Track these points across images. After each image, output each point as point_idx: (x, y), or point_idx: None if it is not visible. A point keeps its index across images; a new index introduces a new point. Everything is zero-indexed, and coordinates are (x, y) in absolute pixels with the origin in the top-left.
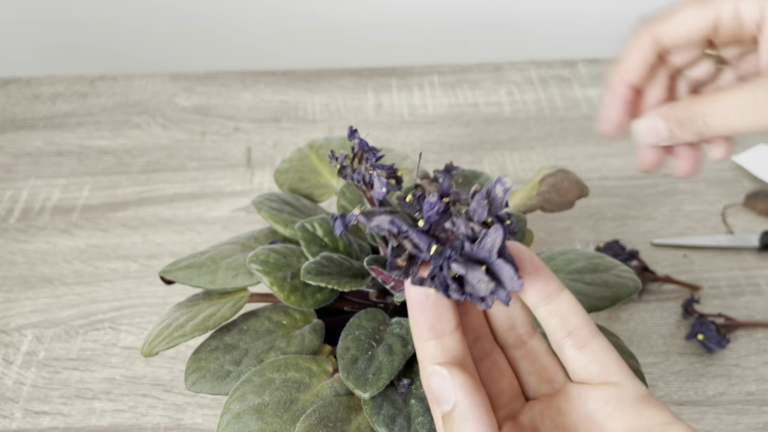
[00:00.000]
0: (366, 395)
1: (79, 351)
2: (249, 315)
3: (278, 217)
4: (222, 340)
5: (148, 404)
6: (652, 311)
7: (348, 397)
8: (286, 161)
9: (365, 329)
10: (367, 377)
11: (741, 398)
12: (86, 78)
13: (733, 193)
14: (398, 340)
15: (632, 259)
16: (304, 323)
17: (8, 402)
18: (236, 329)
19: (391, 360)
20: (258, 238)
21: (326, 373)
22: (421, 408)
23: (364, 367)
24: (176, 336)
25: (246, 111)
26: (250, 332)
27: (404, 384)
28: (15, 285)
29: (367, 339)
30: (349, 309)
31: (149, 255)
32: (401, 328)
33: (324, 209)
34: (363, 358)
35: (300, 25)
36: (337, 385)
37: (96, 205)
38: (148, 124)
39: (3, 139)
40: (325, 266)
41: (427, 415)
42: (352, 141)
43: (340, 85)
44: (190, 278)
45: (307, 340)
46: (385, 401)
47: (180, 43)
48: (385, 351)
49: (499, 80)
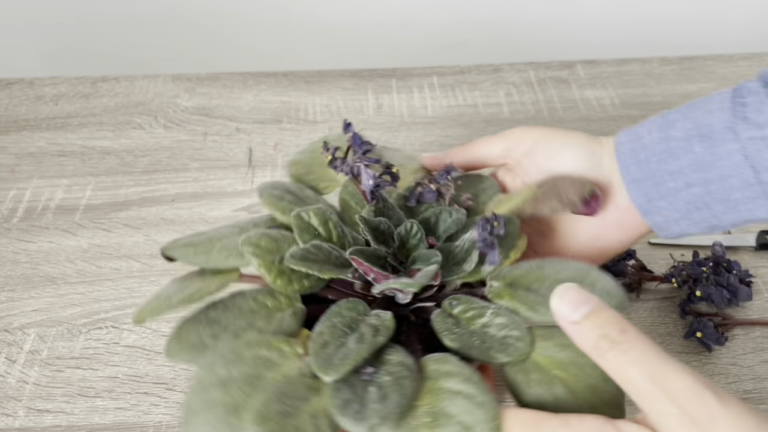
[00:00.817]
0: (327, 378)
1: (81, 350)
2: (237, 294)
3: (277, 204)
4: (206, 315)
5: (150, 402)
6: (650, 310)
7: (313, 379)
8: (299, 153)
9: (343, 317)
10: (332, 362)
11: (738, 396)
12: (89, 79)
13: None
14: (370, 330)
15: (629, 258)
16: (288, 307)
17: (11, 400)
18: (222, 306)
19: (359, 348)
20: (257, 224)
21: (297, 355)
22: (377, 396)
23: (332, 352)
24: (163, 307)
25: (247, 112)
26: (234, 310)
27: (368, 372)
28: (18, 284)
29: (342, 327)
30: (333, 297)
31: (151, 254)
32: (378, 319)
33: (326, 201)
34: (333, 344)
35: (301, 27)
36: (306, 368)
37: (98, 205)
38: (150, 125)
39: (6, 139)
40: (311, 253)
41: (381, 402)
42: (347, 134)
43: (341, 86)
44: (186, 256)
45: (286, 322)
46: (346, 386)
47: (182, 45)
48: (357, 339)
49: (498, 81)
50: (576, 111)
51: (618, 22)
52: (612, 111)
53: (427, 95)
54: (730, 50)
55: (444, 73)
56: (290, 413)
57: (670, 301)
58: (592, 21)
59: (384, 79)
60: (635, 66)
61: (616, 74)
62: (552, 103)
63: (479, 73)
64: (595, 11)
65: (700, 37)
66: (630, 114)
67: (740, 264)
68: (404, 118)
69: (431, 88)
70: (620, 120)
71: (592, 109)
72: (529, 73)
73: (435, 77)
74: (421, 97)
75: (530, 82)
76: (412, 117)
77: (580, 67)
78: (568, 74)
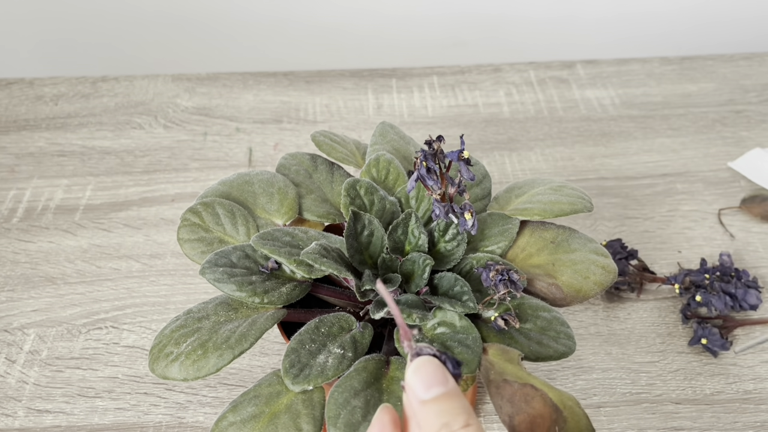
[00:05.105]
0: (295, 388)
1: (81, 350)
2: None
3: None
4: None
5: (150, 402)
6: (650, 310)
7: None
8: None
9: (330, 326)
10: (306, 373)
11: (738, 397)
12: (89, 79)
13: (731, 194)
14: (350, 345)
15: (632, 258)
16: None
17: (11, 400)
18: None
19: (338, 365)
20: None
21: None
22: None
23: (306, 361)
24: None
25: (247, 112)
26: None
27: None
28: (18, 284)
29: (326, 337)
30: (333, 300)
31: (151, 254)
32: (362, 335)
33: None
34: (305, 352)
35: (301, 27)
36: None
37: (98, 205)
38: (150, 125)
39: (6, 139)
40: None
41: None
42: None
43: (341, 86)
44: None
45: (262, 320)
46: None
47: (182, 45)
48: (336, 356)
49: (498, 81)
50: (576, 111)
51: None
52: (612, 111)
53: (427, 95)
54: (730, 50)
55: (444, 72)
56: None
57: (671, 302)
58: (592, 21)
59: (384, 79)
60: (635, 66)
61: (616, 74)
62: (552, 103)
63: (479, 73)
64: (595, 11)
65: (700, 37)
66: (630, 114)
67: (749, 273)
68: (404, 117)
69: (431, 88)
70: (620, 120)
71: (592, 109)
72: (529, 73)
73: (435, 77)
74: (421, 97)
75: (530, 82)
76: (412, 117)
77: (580, 67)
78: (568, 74)
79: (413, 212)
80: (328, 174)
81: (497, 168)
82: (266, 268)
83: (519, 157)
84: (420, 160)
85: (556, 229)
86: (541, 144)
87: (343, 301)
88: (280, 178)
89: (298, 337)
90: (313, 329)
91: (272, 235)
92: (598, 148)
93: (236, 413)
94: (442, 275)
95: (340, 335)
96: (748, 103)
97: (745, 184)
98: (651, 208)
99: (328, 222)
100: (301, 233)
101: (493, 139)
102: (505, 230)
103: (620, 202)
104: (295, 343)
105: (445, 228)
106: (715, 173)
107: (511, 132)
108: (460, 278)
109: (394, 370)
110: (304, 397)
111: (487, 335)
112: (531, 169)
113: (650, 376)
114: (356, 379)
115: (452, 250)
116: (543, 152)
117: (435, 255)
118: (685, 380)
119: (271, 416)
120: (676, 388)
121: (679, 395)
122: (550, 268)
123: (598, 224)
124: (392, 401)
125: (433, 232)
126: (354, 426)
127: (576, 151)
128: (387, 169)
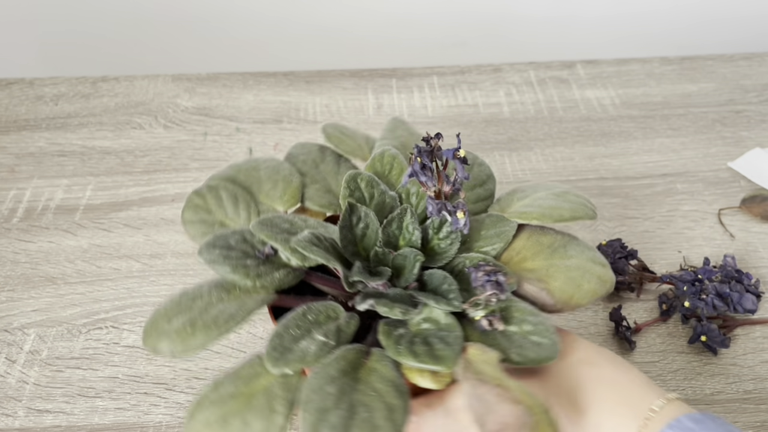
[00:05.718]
0: (274, 371)
1: (81, 350)
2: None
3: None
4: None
5: (150, 402)
6: (650, 311)
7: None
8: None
9: (317, 314)
10: (286, 357)
11: (739, 397)
12: (89, 79)
13: (731, 194)
14: (334, 334)
15: (631, 258)
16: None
17: (11, 400)
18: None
19: (319, 352)
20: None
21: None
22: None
23: (289, 346)
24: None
25: (247, 112)
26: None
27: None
28: (18, 284)
29: (311, 324)
30: (325, 289)
31: (151, 254)
32: (347, 325)
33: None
34: (289, 336)
35: (301, 27)
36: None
37: (98, 205)
38: (150, 125)
39: (6, 139)
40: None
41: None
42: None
43: (341, 86)
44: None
45: (250, 301)
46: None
47: (182, 45)
48: (319, 344)
49: (498, 81)
50: (576, 111)
51: (618, 22)
52: (612, 111)
53: (427, 95)
54: (730, 50)
55: (444, 72)
56: None
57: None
58: (592, 21)
59: (384, 79)
60: (635, 66)
61: (616, 74)
62: (552, 103)
63: (479, 73)
64: (595, 11)
65: (700, 37)
66: (630, 114)
67: (752, 276)
68: (404, 118)
69: (431, 88)
70: (620, 120)
71: (592, 109)
72: (529, 73)
73: (435, 77)
74: (421, 97)
75: (530, 82)
76: (413, 117)
77: (580, 67)
78: (568, 74)
79: (409, 208)
80: (334, 165)
81: (497, 168)
82: (262, 253)
83: (519, 157)
84: (414, 156)
85: (554, 235)
86: (541, 144)
87: (335, 291)
88: (287, 166)
89: (284, 322)
90: (300, 316)
91: (272, 221)
92: (598, 148)
93: (216, 391)
94: (433, 272)
95: (326, 323)
96: (748, 103)
97: (745, 184)
98: (651, 208)
99: (330, 212)
100: (300, 221)
101: (493, 139)
102: (502, 232)
103: (620, 202)
104: (280, 327)
105: (440, 226)
106: (715, 173)
107: (511, 132)
108: (449, 276)
109: (373, 361)
110: (282, 381)
111: (471, 335)
112: (531, 169)
113: (650, 376)
114: (334, 367)
115: (445, 248)
116: (543, 152)
117: (428, 252)
118: (685, 380)
119: (248, 396)
120: (676, 387)
121: (679, 395)
122: (544, 274)
123: (598, 224)
124: (367, 391)
125: (427, 229)
126: (324, 411)
127: (576, 151)
128: (391, 164)
